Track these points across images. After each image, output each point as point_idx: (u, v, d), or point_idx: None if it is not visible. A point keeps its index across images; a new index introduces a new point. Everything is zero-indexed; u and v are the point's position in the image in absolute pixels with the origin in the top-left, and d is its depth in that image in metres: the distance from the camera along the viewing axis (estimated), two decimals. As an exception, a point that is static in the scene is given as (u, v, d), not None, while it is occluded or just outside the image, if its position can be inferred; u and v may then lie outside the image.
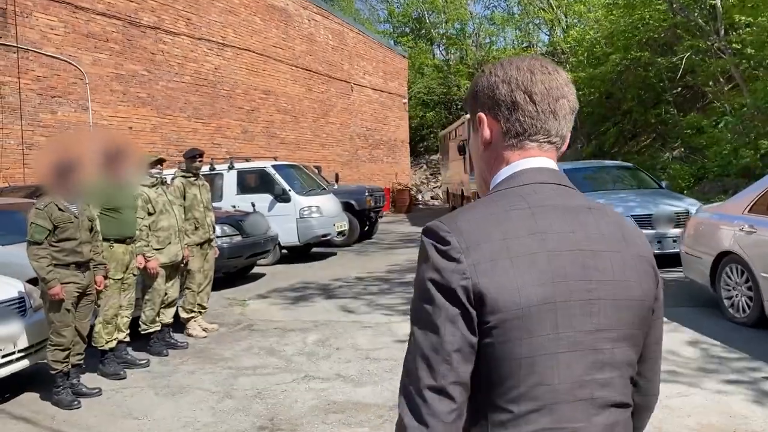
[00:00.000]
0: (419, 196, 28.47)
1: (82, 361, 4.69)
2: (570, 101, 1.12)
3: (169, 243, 5.79)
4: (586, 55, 21.91)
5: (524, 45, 34.36)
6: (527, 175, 1.08)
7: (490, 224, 1.01)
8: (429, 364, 0.96)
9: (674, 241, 8.08)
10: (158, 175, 5.83)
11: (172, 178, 6.40)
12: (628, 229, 1.10)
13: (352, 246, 13.24)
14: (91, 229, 4.65)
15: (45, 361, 4.60)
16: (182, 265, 6.08)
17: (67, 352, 4.48)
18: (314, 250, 12.42)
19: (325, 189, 12.12)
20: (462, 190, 17.41)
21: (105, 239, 4.98)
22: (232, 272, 9.08)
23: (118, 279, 5.11)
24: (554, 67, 1.12)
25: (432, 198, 29.25)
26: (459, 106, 34.26)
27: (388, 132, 25.56)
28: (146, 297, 5.71)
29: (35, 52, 11.54)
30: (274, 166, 11.27)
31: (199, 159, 6.45)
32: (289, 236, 10.76)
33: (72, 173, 4.50)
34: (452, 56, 37.18)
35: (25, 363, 4.61)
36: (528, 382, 0.98)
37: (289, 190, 10.90)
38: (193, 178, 6.46)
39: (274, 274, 10.03)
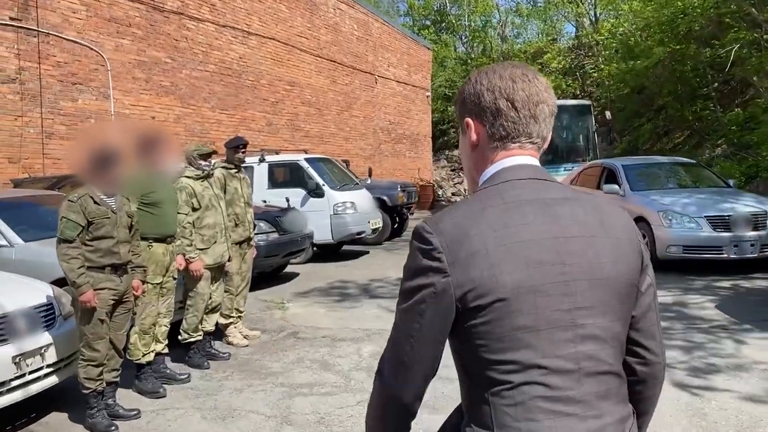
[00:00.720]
0: (440, 192, 27.79)
1: (117, 378, 4.08)
2: (549, 105, 1.24)
3: (215, 242, 5.18)
4: (620, 48, 21.10)
5: (550, 38, 33.49)
6: (507, 173, 1.21)
7: (468, 223, 1.14)
8: (411, 343, 1.17)
9: (752, 245, 7.39)
10: (207, 168, 5.22)
11: (211, 170, 5.78)
12: (608, 215, 1.21)
13: (383, 244, 12.60)
14: (130, 228, 4.05)
15: (76, 377, 4.00)
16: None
17: (101, 369, 3.87)
18: (344, 248, 11.79)
19: (358, 184, 11.48)
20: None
21: (143, 238, 4.37)
22: (267, 272, 8.47)
23: (157, 283, 4.51)
24: (534, 75, 1.24)
25: (453, 194, 28.55)
26: (481, 101, 33.49)
27: (411, 126, 24.88)
28: (188, 302, 5.09)
29: (56, 36, 10.98)
30: (307, 160, 10.65)
31: (243, 150, 5.81)
32: (322, 234, 10.13)
33: (112, 162, 3.88)
34: (475, 49, 36.38)
35: (53, 380, 4.01)
36: (516, 356, 1.12)
37: (323, 185, 10.28)
38: (234, 171, 5.84)
39: (308, 273, 9.41)
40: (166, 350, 4.78)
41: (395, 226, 13.42)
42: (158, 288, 4.52)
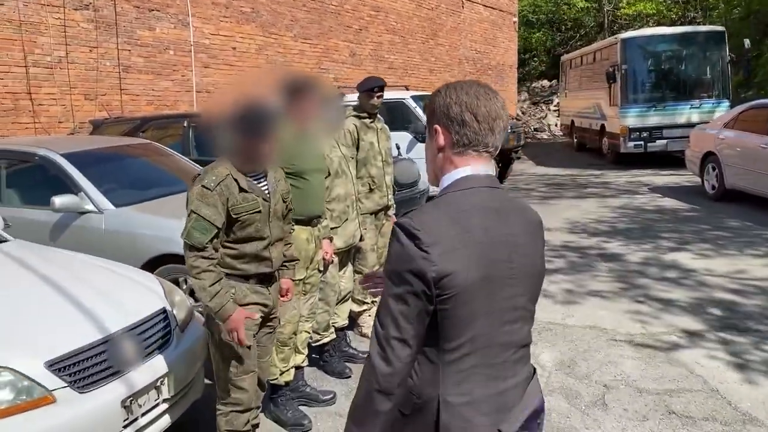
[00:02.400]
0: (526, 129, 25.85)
1: (258, 420, 3.00)
2: (504, 120, 1.47)
3: (347, 219, 3.99)
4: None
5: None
6: (468, 181, 1.44)
7: (446, 224, 1.37)
8: (397, 323, 1.36)
9: None
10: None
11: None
12: (532, 217, 1.53)
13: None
14: (284, 215, 2.87)
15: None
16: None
17: (248, 414, 2.79)
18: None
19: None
20: (603, 125, 14.86)
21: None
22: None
23: (300, 279, 3.36)
24: (494, 94, 1.47)
25: (536, 130, 26.58)
26: (568, 26, 30.80)
27: (496, 56, 22.88)
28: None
29: (131, -46, 9.74)
30: (413, 98, 9.26)
31: (379, 93, 4.50)
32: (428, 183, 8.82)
33: (269, 126, 2.65)
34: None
35: (165, 421, 2.92)
36: (467, 334, 1.39)
37: (398, 147, 8.91)
38: (369, 120, 4.57)
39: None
40: (306, 362, 3.68)
41: (497, 170, 12.00)
42: (301, 285, 3.38)
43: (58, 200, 4.46)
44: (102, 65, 9.54)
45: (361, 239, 4.27)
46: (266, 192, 2.69)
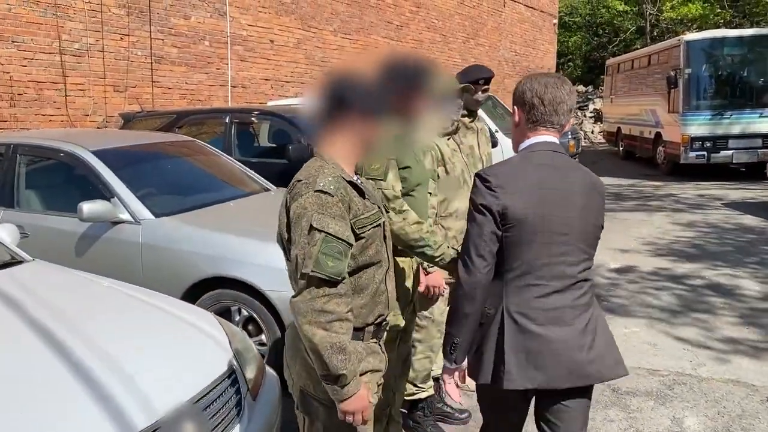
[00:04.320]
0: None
1: None
2: (568, 104, 1.90)
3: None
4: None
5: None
6: (536, 146, 1.90)
7: (511, 173, 1.85)
8: (475, 243, 1.82)
9: None
10: (457, 116, 3.14)
11: (458, 120, 3.66)
12: (592, 177, 1.93)
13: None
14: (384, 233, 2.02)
15: None
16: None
17: None
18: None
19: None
20: (658, 133, 13.84)
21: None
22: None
23: (395, 327, 2.50)
24: (562, 82, 1.92)
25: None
26: (606, 30, 29.73)
27: (535, 58, 21.95)
28: (416, 336, 3.10)
29: (167, -65, 9.00)
30: (473, 97, 8.40)
31: (485, 86, 3.63)
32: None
33: (381, 114, 1.82)
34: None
35: None
36: (523, 257, 1.82)
37: (497, 131, 8.08)
38: (468, 120, 3.71)
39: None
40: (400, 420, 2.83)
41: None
42: (398, 336, 2.52)
43: (87, 207, 3.65)
44: (133, 55, 8.79)
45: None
46: (376, 197, 1.92)
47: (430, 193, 2.82)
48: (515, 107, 1.95)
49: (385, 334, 1.99)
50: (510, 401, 1.93)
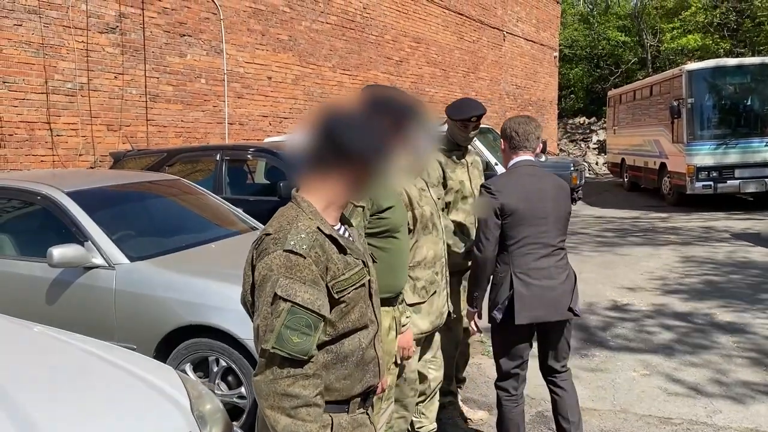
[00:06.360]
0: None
1: None
2: (535, 134, 2.89)
3: (434, 291, 2.86)
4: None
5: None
6: (519, 163, 2.87)
7: (505, 182, 2.84)
8: (485, 232, 2.80)
9: None
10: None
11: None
12: (559, 180, 2.92)
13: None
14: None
15: None
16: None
17: None
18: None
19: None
20: (663, 163, 13.63)
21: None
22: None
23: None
24: (529, 120, 2.92)
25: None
26: (607, 62, 29.82)
27: (537, 91, 21.95)
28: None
29: (162, -25, 9.00)
30: (471, 130, 8.26)
31: (476, 122, 3.45)
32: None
33: (378, 155, 1.60)
34: (598, 5, 32.51)
35: None
36: (519, 235, 2.77)
37: (496, 164, 7.90)
38: (458, 154, 3.52)
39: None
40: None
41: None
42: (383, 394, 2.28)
43: (58, 252, 3.44)
44: (127, 93, 8.71)
45: (449, 315, 3.12)
46: (360, 247, 1.67)
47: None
48: (502, 139, 2.99)
49: (375, 401, 1.75)
50: (517, 334, 2.83)
